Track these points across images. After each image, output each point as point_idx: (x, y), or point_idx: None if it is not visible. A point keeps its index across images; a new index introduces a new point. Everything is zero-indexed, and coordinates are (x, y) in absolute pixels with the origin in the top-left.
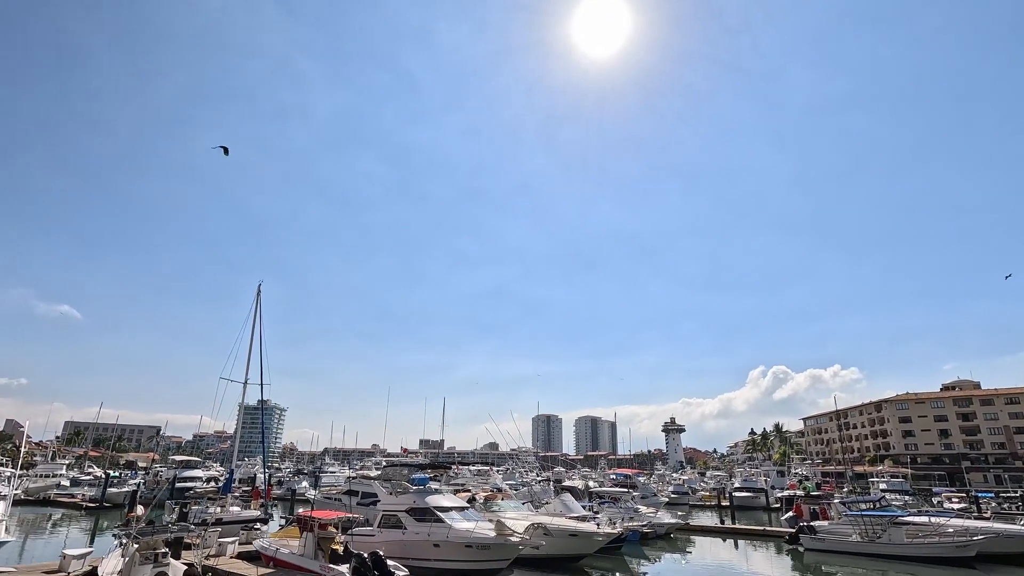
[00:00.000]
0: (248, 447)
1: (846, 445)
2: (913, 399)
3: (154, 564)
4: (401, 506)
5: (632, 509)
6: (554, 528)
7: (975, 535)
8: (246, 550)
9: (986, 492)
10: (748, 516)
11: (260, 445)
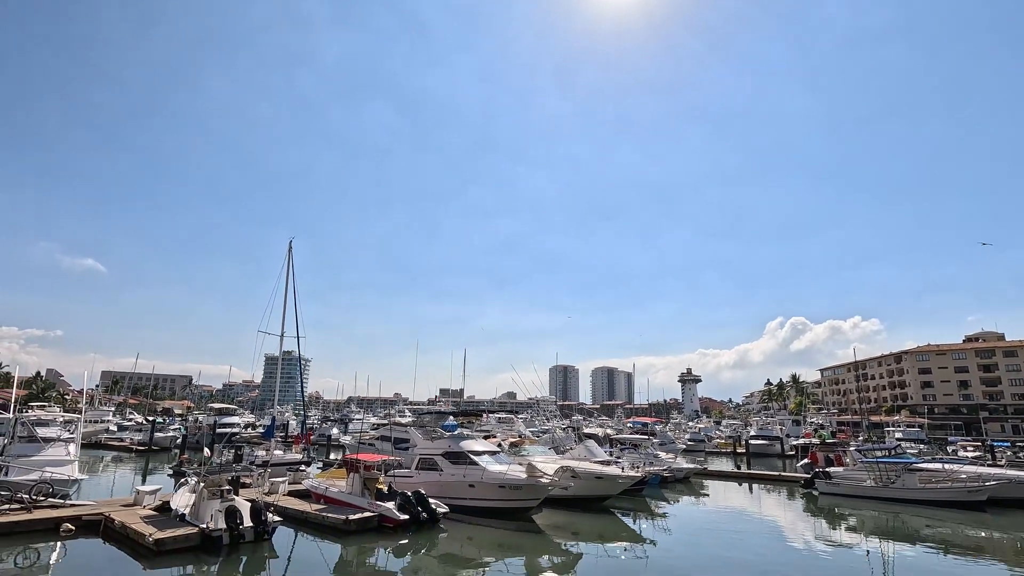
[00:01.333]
0: (275, 396)
1: (863, 396)
2: (934, 350)
3: (221, 499)
4: (437, 450)
5: (652, 455)
6: (581, 471)
7: (987, 481)
8: (296, 489)
9: (1002, 442)
10: (763, 463)
11: (286, 394)
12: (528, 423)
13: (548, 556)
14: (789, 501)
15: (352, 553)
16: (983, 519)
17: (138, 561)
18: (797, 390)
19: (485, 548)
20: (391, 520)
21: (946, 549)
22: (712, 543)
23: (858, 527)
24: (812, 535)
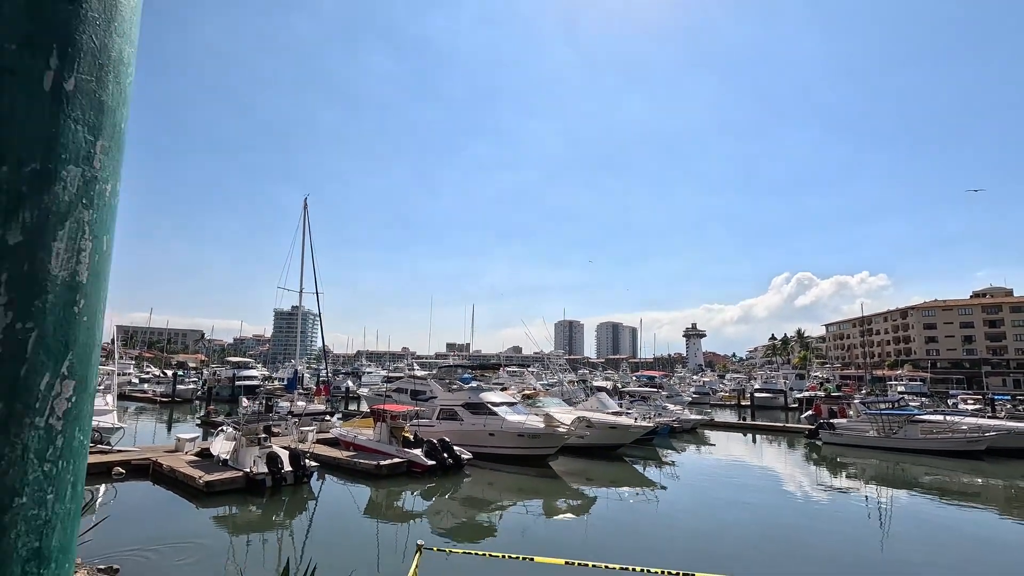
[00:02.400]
0: (285, 350)
1: (868, 350)
2: (941, 306)
3: (260, 447)
4: (457, 401)
5: (661, 407)
6: (596, 421)
7: (986, 432)
8: (323, 437)
9: (1003, 395)
10: (767, 415)
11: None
12: (537, 377)
13: (564, 499)
14: (793, 451)
15: (384, 495)
16: (981, 467)
17: (190, 501)
18: (801, 345)
19: (505, 492)
20: (419, 466)
21: (943, 495)
22: (718, 489)
23: (859, 475)
24: (814, 482)
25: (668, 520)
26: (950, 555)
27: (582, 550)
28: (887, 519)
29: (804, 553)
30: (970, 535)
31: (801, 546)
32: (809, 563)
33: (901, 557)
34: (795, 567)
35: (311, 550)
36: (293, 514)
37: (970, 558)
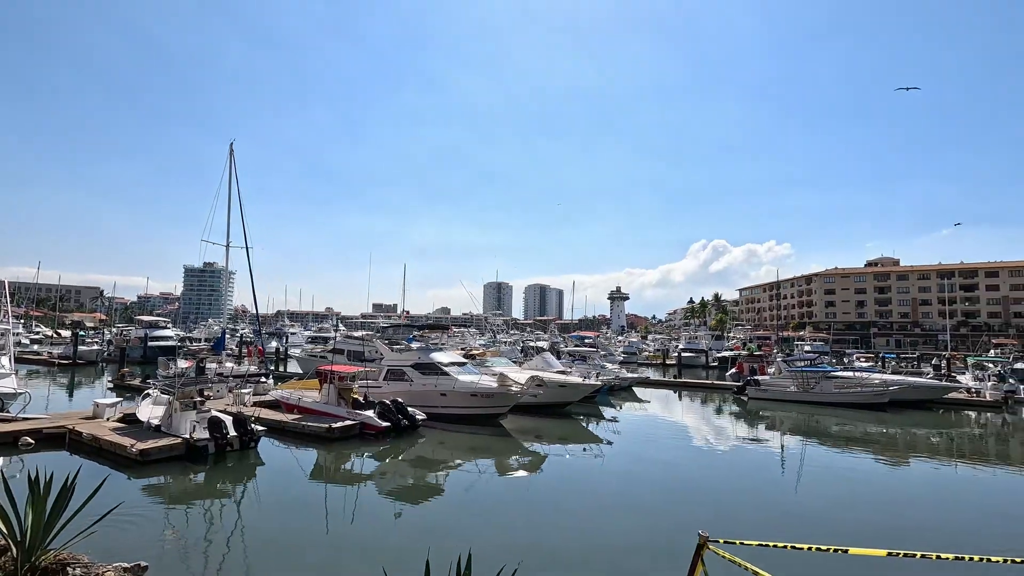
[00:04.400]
0: (198, 309)
1: (776, 313)
2: (839, 273)
3: (196, 411)
4: (406, 362)
5: (600, 366)
6: (548, 380)
7: (891, 386)
8: (261, 400)
9: (890, 354)
10: (690, 373)
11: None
12: (472, 337)
13: (516, 457)
14: (724, 406)
15: (336, 459)
16: (884, 417)
17: (121, 471)
18: (718, 308)
19: (458, 451)
20: (373, 427)
21: (848, 442)
22: (659, 441)
23: (779, 426)
24: (742, 433)
25: (615, 474)
26: (854, 498)
27: (536, 506)
28: (803, 466)
29: (735, 499)
30: (871, 478)
31: (733, 492)
32: (740, 508)
33: (812, 502)
34: (729, 511)
35: (262, 516)
36: (241, 480)
37: (871, 500)
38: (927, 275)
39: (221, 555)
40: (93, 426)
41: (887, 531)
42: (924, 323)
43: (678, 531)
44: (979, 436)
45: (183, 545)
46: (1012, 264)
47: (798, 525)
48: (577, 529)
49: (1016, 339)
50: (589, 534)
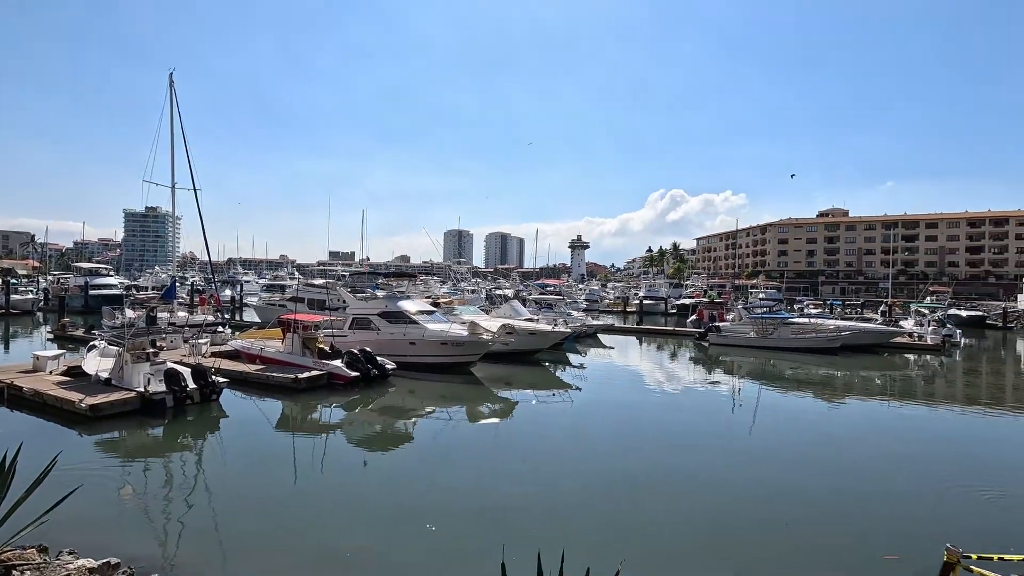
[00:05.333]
0: (142, 256)
1: (732, 262)
2: (793, 224)
3: (150, 363)
4: (373, 310)
5: (566, 313)
6: (519, 328)
7: (843, 331)
8: (220, 351)
9: (836, 301)
10: (650, 320)
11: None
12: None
13: (487, 404)
14: (686, 351)
15: (304, 409)
16: (835, 361)
17: (69, 427)
18: (676, 257)
19: (429, 399)
20: (341, 377)
21: (800, 385)
22: (625, 386)
23: (738, 371)
24: (703, 377)
25: (584, 419)
26: (803, 438)
27: (507, 451)
28: (758, 407)
29: (696, 441)
30: (822, 418)
31: (694, 434)
32: (698, 449)
33: (763, 440)
34: (689, 452)
35: (228, 469)
36: (203, 434)
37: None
38: (873, 226)
39: (186, 511)
40: (35, 380)
41: (829, 465)
42: (867, 272)
43: (647, 471)
44: (920, 377)
45: (144, 503)
46: (949, 216)
47: (746, 460)
48: (548, 473)
49: (950, 287)
50: (559, 478)
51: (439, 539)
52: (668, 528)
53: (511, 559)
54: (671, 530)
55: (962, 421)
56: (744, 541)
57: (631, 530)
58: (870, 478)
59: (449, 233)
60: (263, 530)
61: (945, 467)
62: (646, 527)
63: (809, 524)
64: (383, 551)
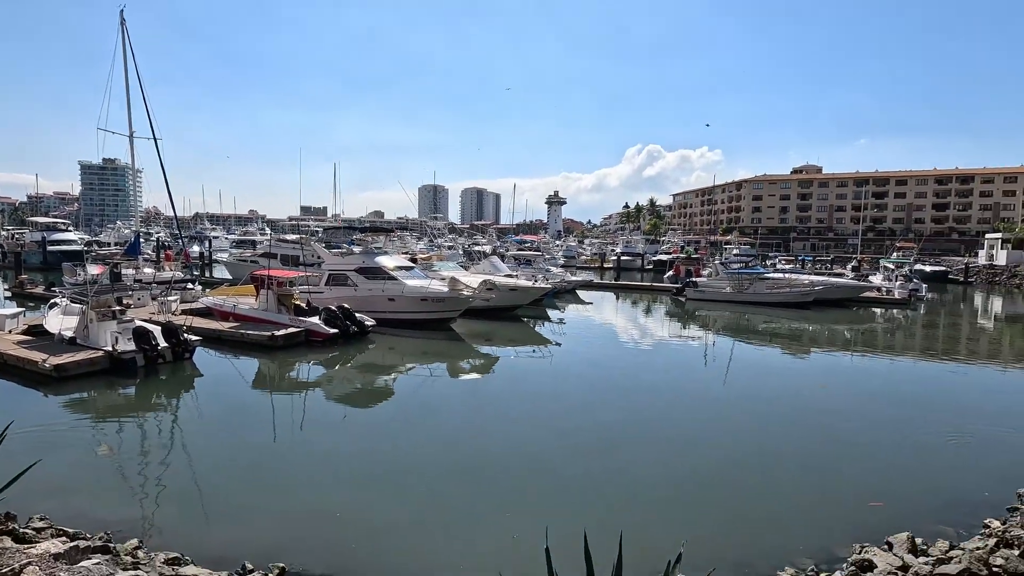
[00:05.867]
0: (102, 210)
1: (708, 218)
2: (767, 180)
3: (117, 321)
4: (350, 266)
5: (545, 269)
6: (500, 284)
7: (816, 286)
8: (190, 308)
9: (807, 257)
10: (627, 276)
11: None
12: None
13: (468, 360)
14: (664, 306)
15: (282, 367)
16: (807, 315)
17: (33, 388)
18: (653, 213)
19: (409, 356)
20: (320, 334)
21: (772, 338)
22: (604, 341)
23: (713, 325)
24: (680, 332)
25: (564, 374)
26: (780, 391)
27: (487, 407)
28: (731, 360)
29: (672, 393)
30: (797, 370)
31: (671, 387)
32: (675, 401)
33: (737, 391)
34: (671, 408)
35: (205, 427)
36: (178, 393)
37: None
38: (845, 183)
39: (163, 472)
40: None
41: (805, 416)
42: (837, 228)
43: (627, 424)
44: (888, 330)
45: (119, 465)
46: (919, 173)
47: (725, 413)
48: (529, 428)
49: (916, 243)
50: (540, 433)
51: (422, 496)
52: (650, 481)
53: (498, 515)
54: (653, 483)
55: (930, 371)
56: (725, 492)
57: (611, 483)
58: (846, 428)
59: (424, 188)
60: (245, 490)
61: (916, 416)
62: (627, 480)
63: (791, 474)
64: (366, 508)
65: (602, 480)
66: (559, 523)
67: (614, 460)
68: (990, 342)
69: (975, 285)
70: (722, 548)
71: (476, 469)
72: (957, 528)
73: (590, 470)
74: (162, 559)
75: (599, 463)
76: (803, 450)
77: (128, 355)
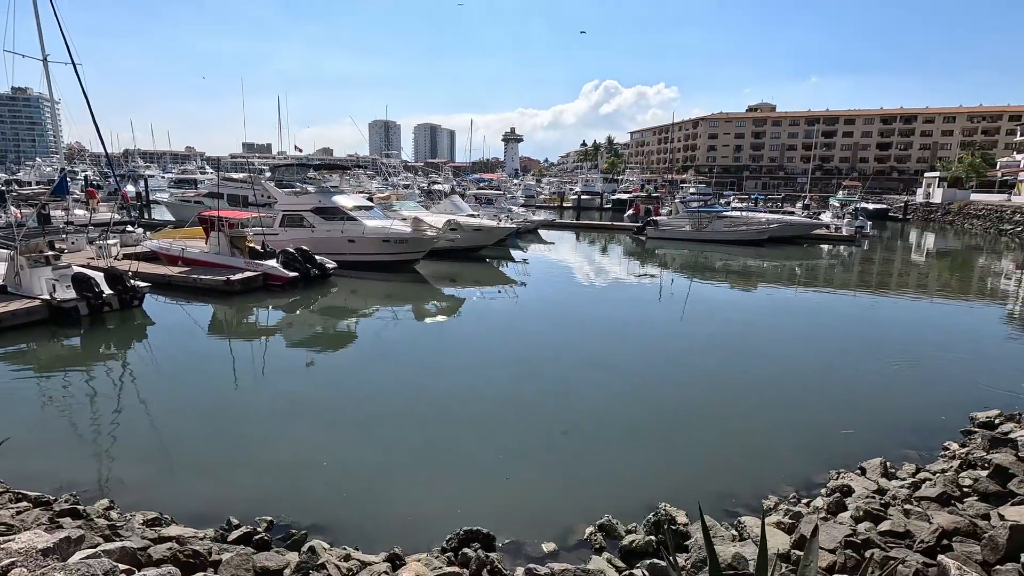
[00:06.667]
0: (16, 146)
1: (664, 157)
2: (723, 118)
3: (51, 267)
4: (306, 206)
5: (507, 209)
6: (464, 224)
7: (772, 224)
8: (132, 252)
9: (760, 195)
10: (586, 215)
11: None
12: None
13: (434, 302)
14: (625, 245)
15: (239, 313)
16: (761, 252)
17: None
18: (611, 151)
19: (373, 298)
20: (279, 278)
21: (726, 274)
22: (568, 280)
23: (671, 263)
24: (641, 270)
25: (529, 314)
26: (740, 325)
27: (455, 347)
28: (688, 296)
29: (630, 329)
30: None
31: (630, 324)
32: (633, 337)
33: (702, 329)
34: (627, 340)
35: (160, 376)
36: (129, 343)
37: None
38: (797, 122)
39: (121, 425)
40: None
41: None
42: (788, 167)
43: (598, 365)
44: (836, 266)
45: (71, 420)
46: (866, 112)
47: (687, 345)
48: (496, 366)
49: (860, 182)
50: (508, 372)
51: (392, 439)
52: (622, 418)
53: (472, 456)
54: (625, 420)
55: (878, 305)
56: (699, 426)
57: (585, 421)
58: (805, 361)
59: (375, 124)
60: (209, 439)
61: (869, 347)
62: (598, 417)
63: (760, 407)
64: (336, 455)
65: (575, 418)
66: (533, 463)
67: (586, 399)
68: (928, 276)
69: (912, 222)
70: (705, 480)
71: (445, 411)
72: (918, 451)
73: (563, 409)
74: (140, 520)
75: (572, 402)
76: (768, 383)
77: (69, 303)
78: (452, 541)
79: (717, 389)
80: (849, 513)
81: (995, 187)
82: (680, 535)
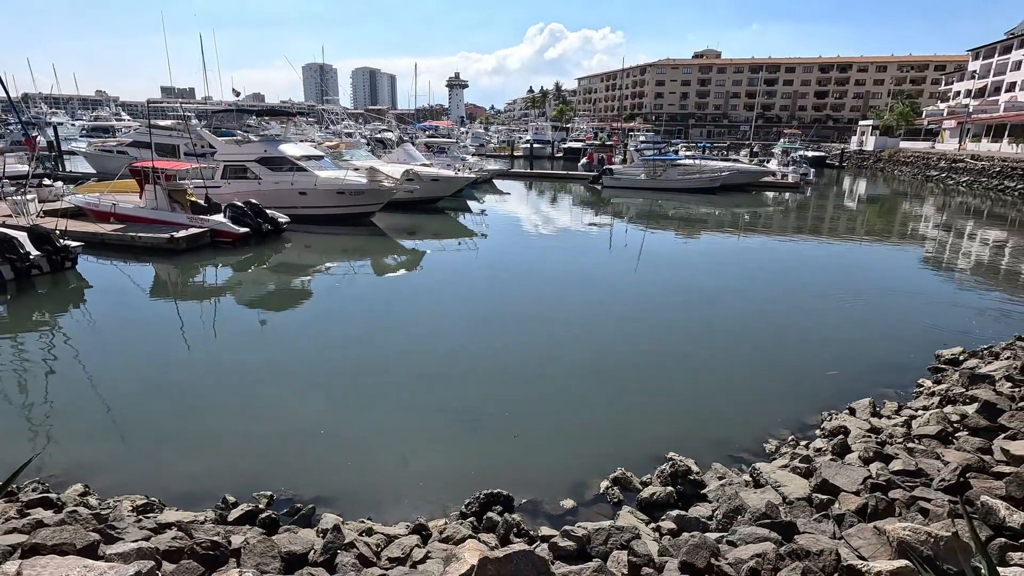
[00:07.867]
0: None
1: (611, 104)
2: (670, 64)
3: None
4: (249, 156)
5: (460, 158)
6: (423, 174)
7: (723, 171)
8: (53, 208)
9: (706, 143)
10: (538, 164)
11: None
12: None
13: (393, 256)
14: (580, 195)
15: (185, 272)
16: (713, 200)
17: None
18: (559, 99)
19: (329, 253)
20: (228, 234)
21: (680, 224)
22: (529, 231)
23: (625, 212)
24: (593, 218)
25: (491, 266)
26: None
27: (418, 303)
28: (644, 242)
29: (584, 277)
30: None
31: (584, 272)
32: (588, 283)
33: (650, 276)
34: (606, 295)
35: (101, 344)
36: (64, 308)
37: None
38: (741, 69)
39: (68, 398)
40: None
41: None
42: (732, 115)
43: (572, 317)
44: (785, 212)
45: (8, 397)
46: (806, 60)
47: (657, 294)
48: (465, 323)
49: (800, 130)
50: (475, 328)
51: (372, 399)
52: (599, 369)
53: (433, 411)
54: (603, 371)
55: (831, 250)
56: (684, 375)
57: (567, 368)
58: (771, 308)
59: (309, 67)
60: (171, 411)
61: (827, 290)
62: (576, 369)
63: (737, 353)
64: (298, 419)
65: (563, 371)
66: (505, 418)
67: (569, 350)
68: (872, 221)
69: (847, 169)
70: (704, 427)
71: (424, 369)
72: (895, 388)
73: (551, 362)
74: (128, 507)
75: (557, 354)
76: (744, 329)
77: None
78: (472, 505)
79: (696, 337)
80: (857, 454)
81: (921, 135)
82: (696, 483)
